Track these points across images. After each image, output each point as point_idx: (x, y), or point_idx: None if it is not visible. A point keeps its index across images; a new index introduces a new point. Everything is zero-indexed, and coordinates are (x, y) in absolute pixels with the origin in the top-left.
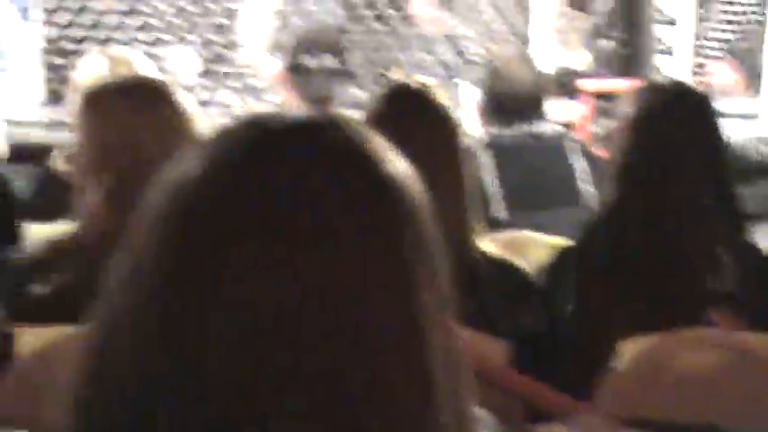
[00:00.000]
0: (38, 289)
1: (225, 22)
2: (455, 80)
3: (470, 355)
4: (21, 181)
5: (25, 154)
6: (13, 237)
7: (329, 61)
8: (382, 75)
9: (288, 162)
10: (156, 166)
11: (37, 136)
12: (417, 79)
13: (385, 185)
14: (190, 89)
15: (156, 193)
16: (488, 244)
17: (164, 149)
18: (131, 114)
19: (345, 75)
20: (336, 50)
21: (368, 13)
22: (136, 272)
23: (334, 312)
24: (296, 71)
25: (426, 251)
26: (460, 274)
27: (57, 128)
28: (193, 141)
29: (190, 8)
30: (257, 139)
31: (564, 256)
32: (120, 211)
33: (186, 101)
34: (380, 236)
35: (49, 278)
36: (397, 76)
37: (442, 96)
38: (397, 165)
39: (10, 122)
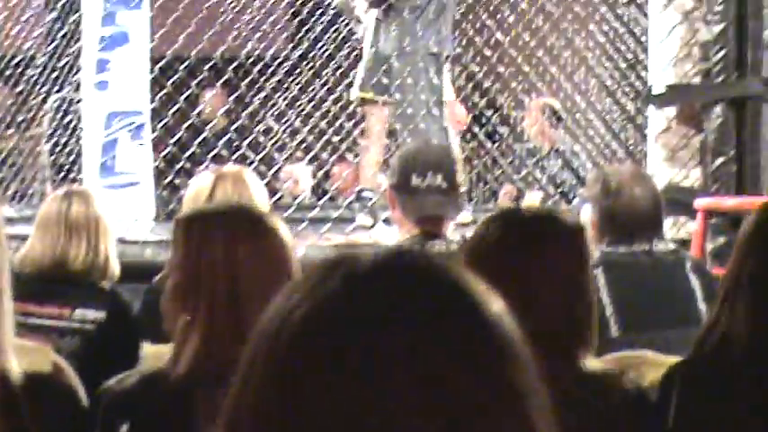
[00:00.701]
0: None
1: (335, 139)
2: (570, 197)
3: None
4: (133, 300)
5: (137, 273)
6: (132, 357)
7: (438, 180)
8: (494, 192)
9: (377, 303)
10: (250, 297)
11: (149, 254)
12: (532, 197)
13: (474, 320)
14: (303, 207)
15: (253, 333)
16: (603, 363)
17: (258, 280)
18: (224, 242)
19: (455, 194)
20: (445, 169)
21: (477, 129)
22: (237, 409)
23: None
24: (403, 190)
25: (530, 384)
26: (573, 392)
27: (167, 246)
28: (290, 271)
29: (302, 128)
30: (345, 282)
31: (672, 373)
32: (212, 340)
33: (284, 228)
34: (480, 373)
35: (142, 412)
36: (508, 193)
37: (563, 216)
38: (490, 300)
39: (123, 241)
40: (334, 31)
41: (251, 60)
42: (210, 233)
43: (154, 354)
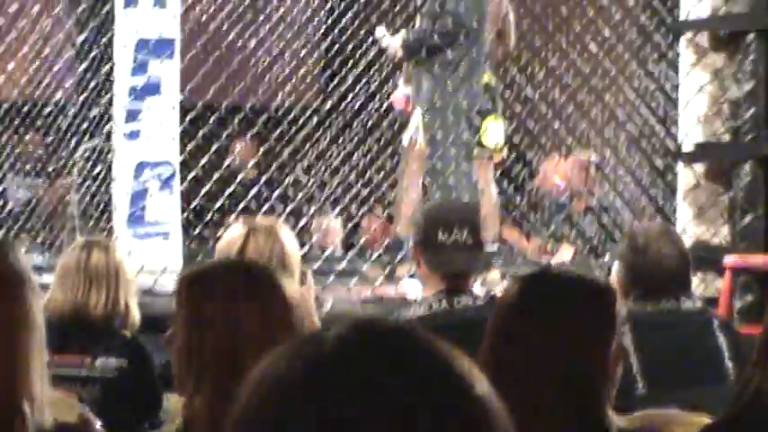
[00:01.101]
0: None
1: (363, 192)
2: (598, 251)
3: None
4: (159, 352)
5: (165, 324)
6: (153, 406)
7: (463, 236)
8: (523, 249)
9: (341, 395)
10: (254, 358)
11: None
12: (563, 254)
13: (462, 403)
14: (331, 260)
15: (234, 412)
16: (629, 421)
17: (260, 340)
18: (224, 303)
19: (480, 249)
20: (471, 225)
21: (505, 185)
22: None
23: None
24: (429, 246)
25: None
26: None
27: None
28: (293, 330)
29: (331, 180)
30: (307, 370)
31: None
32: (219, 405)
33: (287, 285)
34: None
35: None
36: (538, 248)
37: (592, 277)
38: (475, 380)
39: (151, 293)
40: (364, 84)
41: (281, 112)
42: (210, 293)
43: (178, 406)
